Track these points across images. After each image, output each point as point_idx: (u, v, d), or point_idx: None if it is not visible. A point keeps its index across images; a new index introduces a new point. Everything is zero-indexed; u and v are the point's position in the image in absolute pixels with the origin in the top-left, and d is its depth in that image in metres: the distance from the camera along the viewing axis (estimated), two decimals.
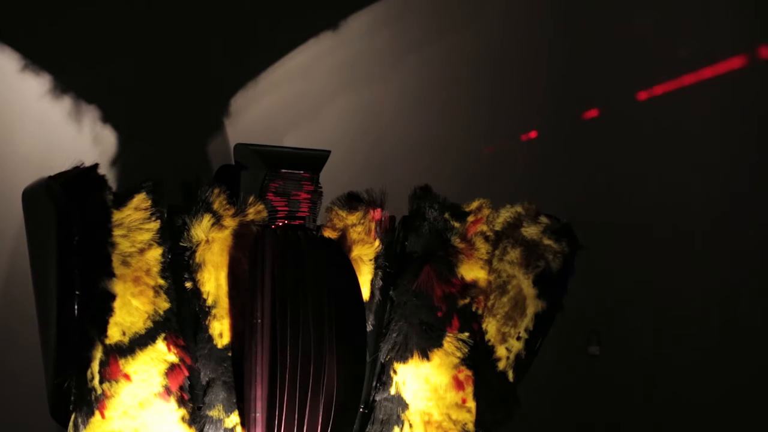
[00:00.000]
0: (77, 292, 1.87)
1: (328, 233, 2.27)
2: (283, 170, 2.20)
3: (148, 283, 2.03)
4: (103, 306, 1.93)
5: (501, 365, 2.29)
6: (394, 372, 2.29)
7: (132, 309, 2.00)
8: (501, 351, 2.29)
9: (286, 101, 3.14)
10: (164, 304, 2.05)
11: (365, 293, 2.26)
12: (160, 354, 2.03)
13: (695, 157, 3.39)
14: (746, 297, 3.26)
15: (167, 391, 2.04)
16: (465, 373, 2.29)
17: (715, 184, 3.35)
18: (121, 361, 1.98)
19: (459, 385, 2.28)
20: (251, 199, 2.15)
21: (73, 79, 2.77)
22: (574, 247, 2.24)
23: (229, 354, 2.11)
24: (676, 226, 3.41)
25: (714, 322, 3.31)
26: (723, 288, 3.30)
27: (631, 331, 3.48)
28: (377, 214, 2.29)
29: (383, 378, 2.29)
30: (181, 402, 2.06)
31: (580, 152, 3.57)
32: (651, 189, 3.48)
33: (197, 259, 2.07)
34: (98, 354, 1.94)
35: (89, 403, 1.93)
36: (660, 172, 3.46)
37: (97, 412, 1.94)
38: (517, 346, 2.26)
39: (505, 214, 2.33)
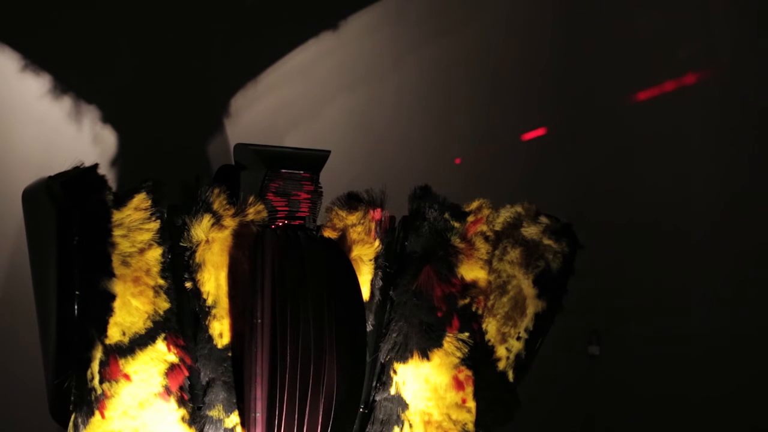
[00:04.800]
0: (77, 292, 1.87)
1: (328, 233, 2.27)
2: (283, 170, 2.20)
3: (148, 283, 2.03)
4: (103, 306, 1.93)
5: (501, 365, 2.29)
6: (394, 372, 2.29)
7: (132, 309, 2.00)
8: (501, 351, 2.29)
9: (286, 101, 3.14)
10: (164, 304, 2.05)
11: (365, 293, 2.26)
12: (160, 354, 2.03)
13: (695, 156, 3.39)
14: (746, 296, 3.25)
15: (167, 391, 2.04)
16: (465, 373, 2.29)
17: (715, 183, 3.34)
18: (121, 361, 1.98)
19: (459, 385, 2.28)
20: (251, 199, 2.15)
21: (73, 79, 2.76)
22: (574, 247, 2.24)
23: (229, 354, 2.10)
24: (676, 225, 3.41)
25: (714, 322, 3.31)
26: (723, 287, 3.30)
27: (631, 331, 3.48)
28: (377, 214, 2.29)
29: (383, 378, 2.29)
30: (181, 402, 2.06)
31: (580, 152, 3.57)
32: (651, 189, 3.48)
33: (197, 259, 2.07)
34: (98, 354, 1.94)
35: (89, 403, 1.93)
36: (660, 172, 3.46)
37: (97, 412, 1.94)
38: (517, 346, 2.26)
39: (505, 214, 2.33)
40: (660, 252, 3.44)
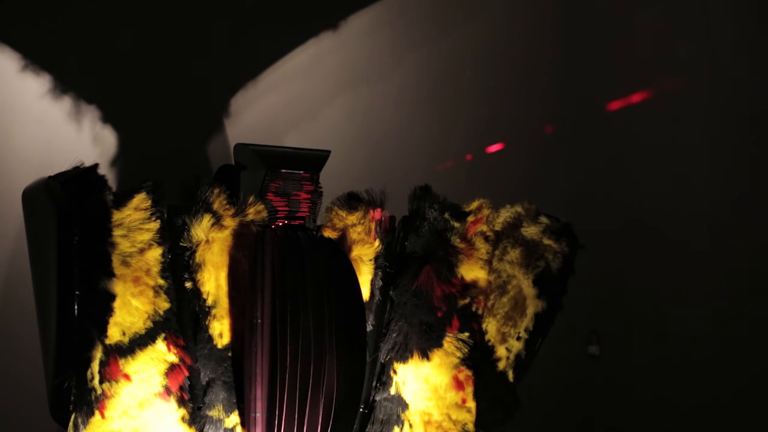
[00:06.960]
0: (77, 292, 1.87)
1: (328, 233, 2.27)
2: (283, 170, 2.20)
3: (148, 283, 2.03)
4: (103, 306, 1.93)
5: (501, 365, 2.29)
6: (394, 372, 2.29)
7: (132, 309, 2.00)
8: (501, 351, 2.29)
9: (286, 101, 3.14)
10: (164, 304, 2.05)
11: (365, 293, 2.26)
12: (160, 354, 2.03)
13: (695, 157, 3.39)
14: (746, 297, 3.25)
15: (167, 391, 2.04)
16: (465, 373, 2.29)
17: (716, 184, 3.34)
18: (121, 361, 1.98)
19: (459, 385, 2.28)
20: (251, 199, 2.15)
21: (73, 79, 2.77)
22: (574, 247, 2.24)
23: (229, 354, 2.11)
24: (676, 226, 3.41)
25: (714, 322, 3.30)
26: (723, 288, 3.30)
27: (631, 331, 3.48)
28: (377, 214, 2.29)
29: (383, 378, 2.29)
30: (181, 402, 2.06)
31: (580, 152, 3.57)
32: (651, 189, 3.48)
33: (197, 259, 2.07)
34: (98, 354, 1.94)
35: (89, 403, 1.93)
36: (660, 173, 3.46)
37: (97, 412, 1.94)
38: (517, 346, 2.26)
39: (505, 214, 2.33)
40: (660, 251, 3.43)
